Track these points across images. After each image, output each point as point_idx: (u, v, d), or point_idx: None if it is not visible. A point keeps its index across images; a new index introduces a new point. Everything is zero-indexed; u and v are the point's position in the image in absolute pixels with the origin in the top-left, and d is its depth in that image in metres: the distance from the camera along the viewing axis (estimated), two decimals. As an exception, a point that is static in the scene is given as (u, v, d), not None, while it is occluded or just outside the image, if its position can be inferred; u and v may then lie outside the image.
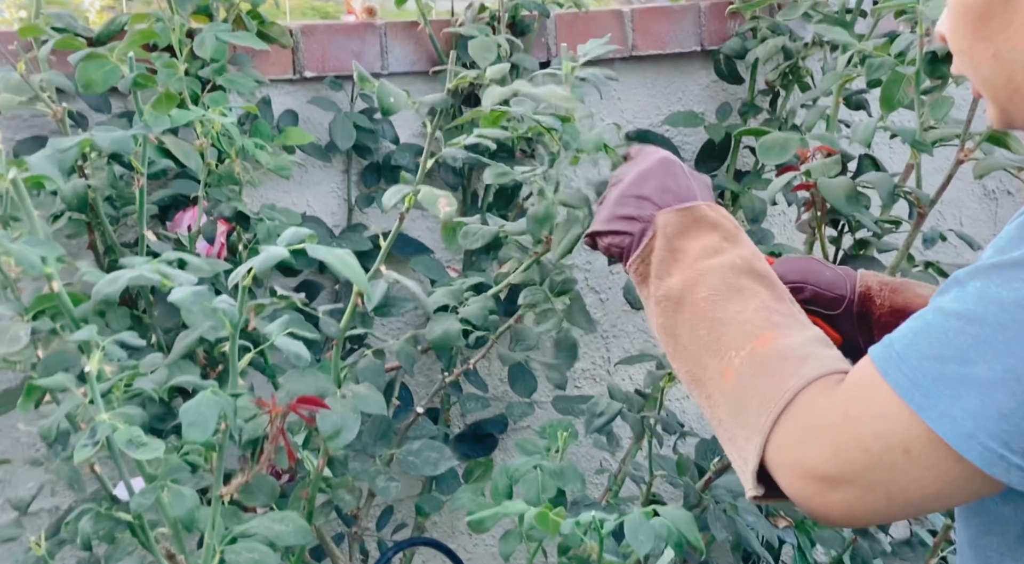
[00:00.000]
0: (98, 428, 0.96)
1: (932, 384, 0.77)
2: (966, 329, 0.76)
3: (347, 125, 1.89)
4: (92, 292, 1.00)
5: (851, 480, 0.82)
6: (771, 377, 0.88)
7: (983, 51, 0.88)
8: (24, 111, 1.63)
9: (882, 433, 0.80)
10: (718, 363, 0.92)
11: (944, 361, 0.77)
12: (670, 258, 1.00)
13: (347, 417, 1.24)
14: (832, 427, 0.83)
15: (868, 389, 0.81)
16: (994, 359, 0.75)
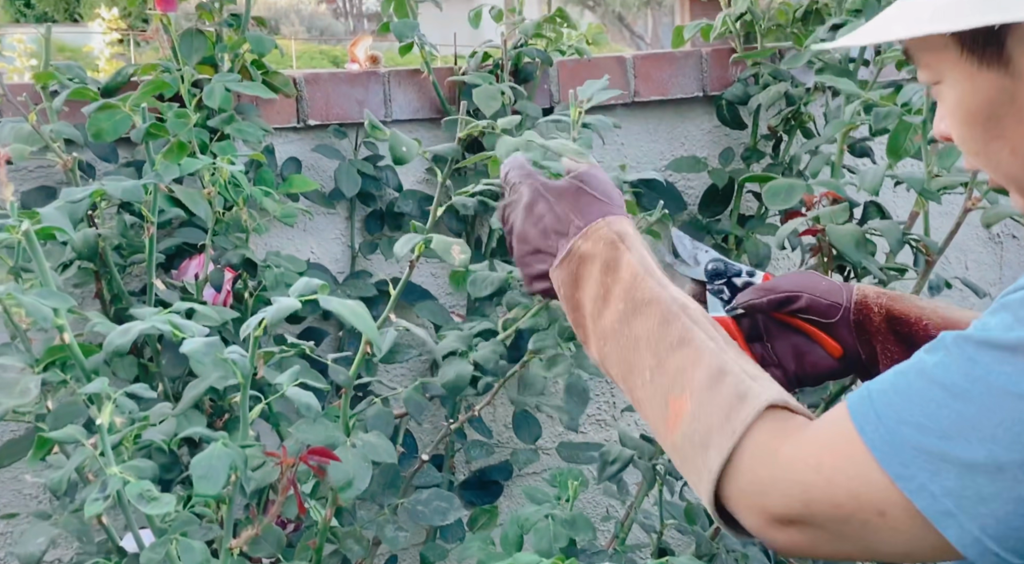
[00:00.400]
0: (109, 482, 0.95)
1: (912, 454, 0.76)
2: (950, 404, 0.75)
3: (352, 173, 1.89)
4: (104, 343, 1.00)
5: (820, 526, 0.82)
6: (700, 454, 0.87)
7: (1000, 150, 0.87)
8: (30, 162, 1.64)
9: (857, 494, 0.79)
10: (658, 434, 0.93)
11: (924, 432, 0.76)
12: (578, 318, 1.00)
13: (358, 467, 1.24)
14: (803, 480, 0.82)
15: (844, 445, 0.80)
16: (977, 443, 0.74)
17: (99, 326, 1.09)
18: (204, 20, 1.81)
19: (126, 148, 1.72)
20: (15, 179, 1.67)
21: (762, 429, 0.85)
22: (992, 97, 0.84)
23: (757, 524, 0.85)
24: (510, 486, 2.02)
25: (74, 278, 1.58)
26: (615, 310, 0.97)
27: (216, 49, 1.79)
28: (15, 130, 1.55)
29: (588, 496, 2.13)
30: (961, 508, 0.74)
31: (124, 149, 1.72)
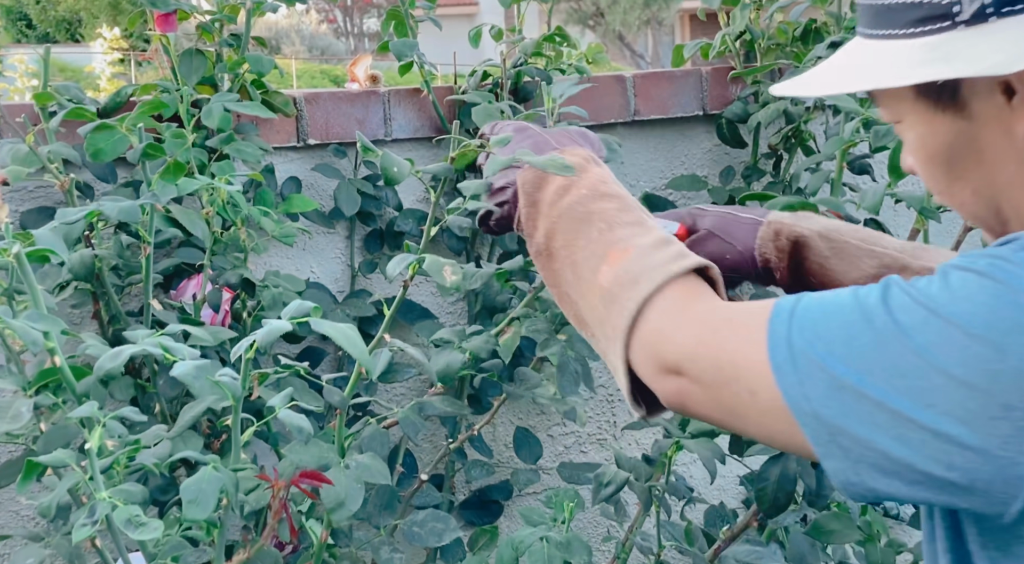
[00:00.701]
0: (97, 507, 0.95)
1: (799, 354, 0.82)
2: (849, 326, 0.81)
3: (351, 192, 1.89)
4: (95, 367, 1.00)
5: (699, 381, 0.88)
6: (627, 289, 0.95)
7: (961, 190, 0.90)
8: (30, 182, 1.64)
9: (738, 366, 0.86)
10: (586, 297, 1.00)
11: (817, 340, 0.81)
12: (533, 212, 1.09)
13: (351, 488, 1.23)
14: (699, 335, 0.89)
15: (747, 322, 0.87)
16: (856, 368, 0.79)
17: (92, 349, 1.09)
18: (204, 40, 1.82)
19: (124, 168, 1.73)
20: (14, 200, 1.67)
21: (687, 283, 0.93)
22: (950, 140, 0.88)
23: (648, 369, 0.92)
24: (510, 506, 2.02)
25: (72, 298, 1.58)
26: (577, 194, 1.06)
27: (216, 69, 1.79)
28: (13, 151, 1.55)
29: (588, 517, 2.12)
30: (821, 415, 0.80)
31: (123, 169, 1.73)
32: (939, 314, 0.78)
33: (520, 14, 2.09)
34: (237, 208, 1.64)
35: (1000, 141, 0.86)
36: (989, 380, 0.76)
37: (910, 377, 0.78)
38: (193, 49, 1.78)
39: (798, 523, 1.83)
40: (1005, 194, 0.88)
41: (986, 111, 0.85)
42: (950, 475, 0.77)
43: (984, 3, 0.82)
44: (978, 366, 0.76)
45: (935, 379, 0.77)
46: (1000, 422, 0.75)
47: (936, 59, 0.84)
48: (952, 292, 0.79)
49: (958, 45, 0.84)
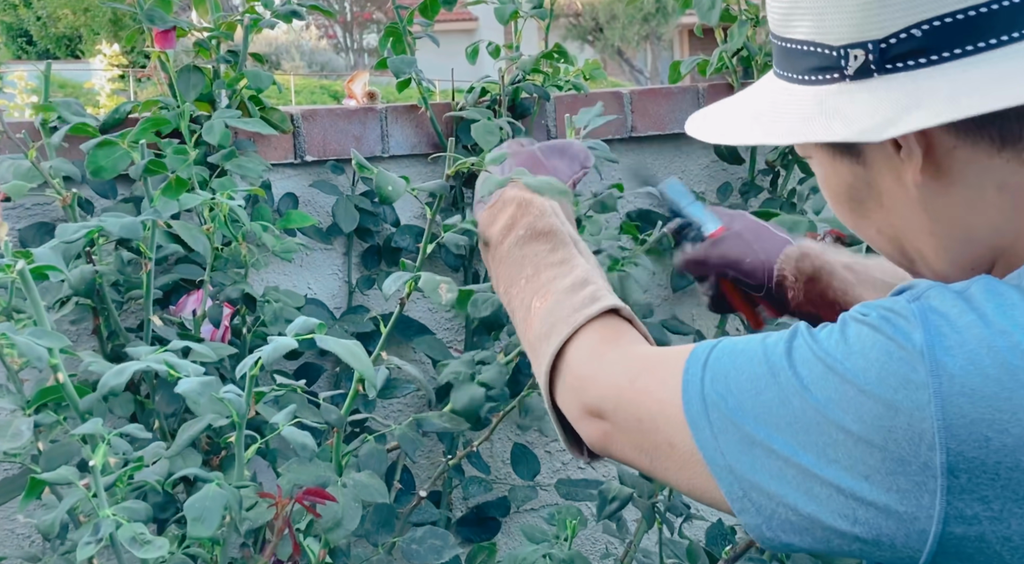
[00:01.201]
0: (101, 525, 0.95)
1: (712, 409, 0.83)
2: (756, 380, 0.82)
3: (349, 208, 1.89)
4: (99, 384, 1.00)
5: (621, 429, 0.91)
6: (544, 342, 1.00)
7: (867, 228, 0.93)
8: (29, 198, 1.64)
9: (655, 419, 0.87)
10: (524, 345, 1.06)
11: (729, 395, 0.83)
12: (485, 252, 1.17)
13: (348, 507, 1.23)
14: (617, 384, 0.92)
15: (664, 371, 0.88)
16: (764, 424, 0.80)
17: (93, 366, 1.09)
18: (202, 57, 1.82)
19: (125, 184, 1.73)
20: (15, 216, 1.67)
21: (598, 328, 0.99)
22: (850, 183, 0.91)
23: (574, 414, 0.95)
24: (508, 523, 2.01)
25: (71, 314, 1.58)
26: (515, 236, 1.12)
27: (214, 85, 1.79)
28: (14, 167, 1.55)
29: (587, 533, 2.11)
30: (735, 470, 0.82)
31: (123, 185, 1.73)
32: (835, 370, 0.79)
33: (518, 30, 2.09)
34: (238, 223, 1.64)
35: (895, 187, 0.88)
36: (884, 436, 0.76)
37: (813, 433, 0.78)
38: (191, 65, 1.79)
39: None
40: (906, 236, 0.90)
41: (879, 160, 0.88)
42: (856, 530, 0.78)
43: (869, 58, 0.84)
44: (872, 422, 0.77)
45: (835, 435, 0.78)
46: (898, 477, 0.76)
47: (823, 114, 0.86)
48: (848, 346, 0.80)
49: (843, 100, 0.86)
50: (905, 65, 0.83)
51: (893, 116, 0.82)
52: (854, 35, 0.84)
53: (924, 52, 0.82)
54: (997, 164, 0.84)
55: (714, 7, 2.11)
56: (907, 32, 0.82)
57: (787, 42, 0.90)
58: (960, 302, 0.79)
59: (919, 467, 0.75)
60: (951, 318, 0.78)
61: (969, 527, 0.75)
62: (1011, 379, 0.74)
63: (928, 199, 0.87)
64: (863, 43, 0.84)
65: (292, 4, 1.87)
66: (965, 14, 0.81)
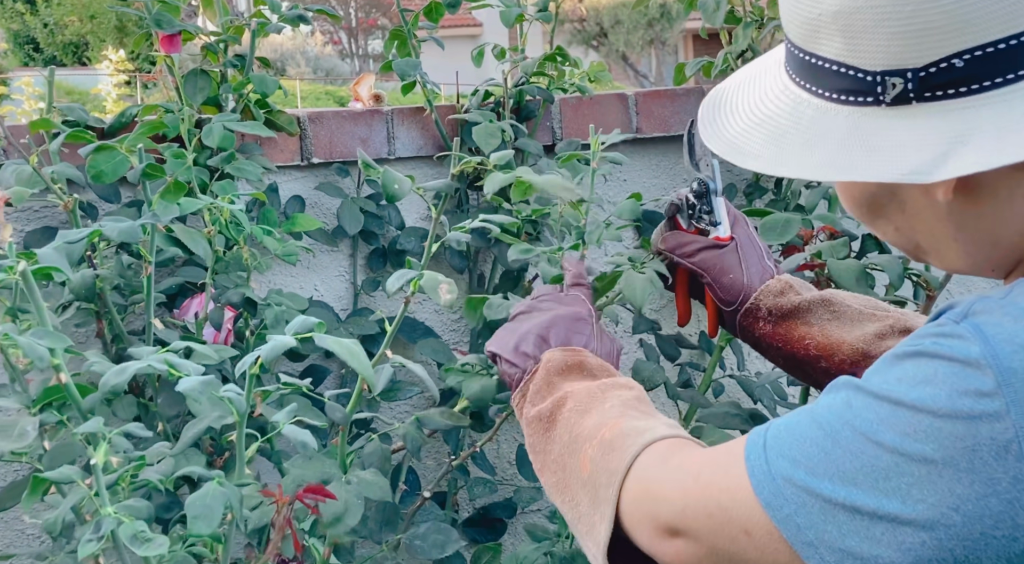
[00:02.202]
0: (103, 522, 0.95)
1: (782, 485, 0.80)
2: (821, 443, 0.79)
3: (354, 210, 1.90)
4: (100, 383, 1.01)
5: (695, 537, 0.87)
6: (616, 453, 0.96)
7: (884, 227, 0.91)
8: (34, 203, 1.65)
9: (727, 508, 0.84)
10: (577, 460, 1.01)
11: (797, 466, 0.80)
12: (546, 389, 1.12)
13: (350, 503, 1.23)
14: (683, 485, 0.88)
15: (726, 460, 0.86)
16: (839, 483, 0.77)
17: (96, 366, 1.10)
18: (209, 61, 1.83)
19: (128, 188, 1.74)
20: (19, 220, 1.69)
21: (658, 446, 0.95)
22: (874, 192, 0.89)
23: (647, 535, 0.91)
24: (514, 524, 2.01)
25: (75, 318, 1.59)
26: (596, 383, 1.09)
27: (220, 89, 1.81)
28: (17, 172, 1.56)
29: (593, 533, 2.12)
30: (822, 541, 0.78)
31: (126, 189, 1.74)
32: (904, 404, 0.77)
33: (523, 34, 2.10)
34: (239, 227, 1.65)
35: (921, 199, 0.86)
36: (969, 457, 0.74)
37: (893, 477, 0.76)
38: (198, 70, 1.80)
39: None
40: (924, 238, 0.89)
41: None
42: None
43: (908, 87, 0.81)
44: (954, 445, 0.74)
45: (916, 471, 0.75)
46: (990, 499, 0.74)
47: (861, 145, 0.83)
48: (911, 379, 0.77)
49: (880, 126, 0.83)
50: (945, 94, 0.80)
51: (941, 153, 0.79)
52: (891, 62, 0.81)
53: (965, 81, 0.80)
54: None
55: (719, 9, 2.11)
56: (947, 62, 0.80)
57: (812, 57, 0.86)
58: (1009, 308, 0.77)
59: (1009, 482, 0.73)
60: (1004, 326, 0.76)
61: None
62: None
63: (956, 212, 0.85)
64: (902, 71, 0.81)
65: (299, 9, 1.88)
66: (1007, 43, 0.79)
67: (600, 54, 19.23)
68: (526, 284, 2.00)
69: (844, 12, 0.82)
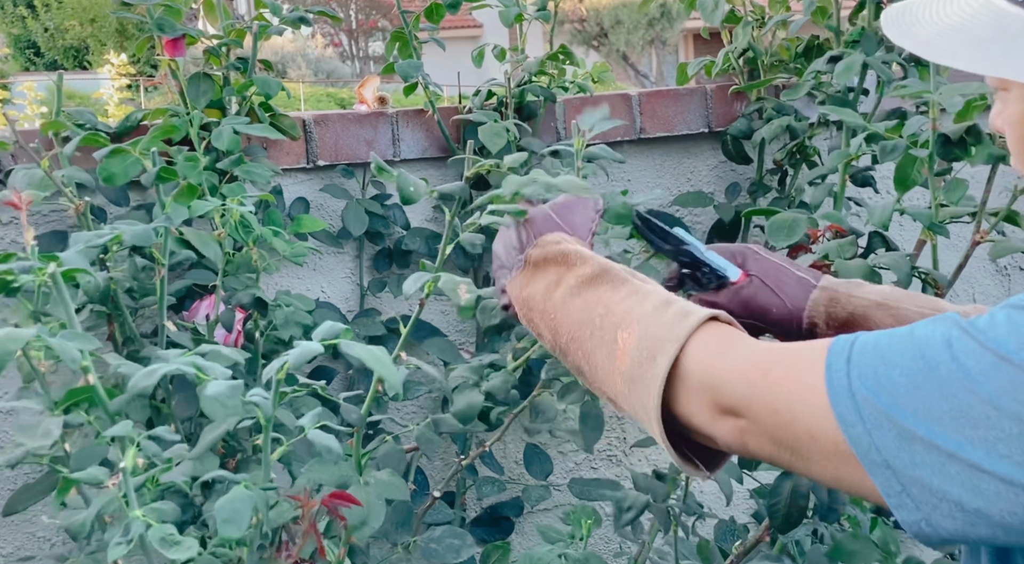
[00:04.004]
0: (132, 525, 0.96)
1: (863, 403, 0.79)
2: (913, 373, 0.79)
3: (359, 212, 1.91)
4: (128, 385, 1.01)
5: (759, 423, 0.86)
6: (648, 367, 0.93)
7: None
8: (43, 207, 1.65)
9: (795, 410, 0.83)
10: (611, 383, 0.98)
11: (881, 389, 0.79)
12: (530, 315, 1.09)
13: (372, 505, 1.24)
14: (750, 378, 0.87)
15: (801, 365, 0.84)
16: (923, 418, 0.77)
17: (123, 368, 1.10)
18: (211, 64, 1.83)
19: (137, 191, 1.74)
20: (32, 223, 1.68)
21: (707, 335, 0.91)
22: None
23: (704, 415, 0.90)
24: (522, 522, 2.02)
25: (87, 321, 1.59)
26: (566, 287, 1.05)
27: (224, 92, 1.81)
28: (28, 176, 1.56)
29: (601, 533, 2.12)
30: (890, 465, 0.78)
31: (135, 192, 1.74)
32: (1009, 359, 0.76)
33: (522, 34, 2.11)
34: (249, 229, 1.65)
35: None
36: None
37: (982, 427, 0.75)
38: (201, 73, 1.80)
39: (809, 536, 1.84)
40: None
41: None
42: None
43: None
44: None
45: (1008, 427, 0.74)
46: None
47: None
48: (1021, 334, 0.76)
49: None
50: None
51: None
52: None
53: None
54: None
55: (717, 8, 2.12)
56: None
57: None
58: None
59: None
60: None
61: None
62: None
63: None
64: None
65: (299, 10, 1.88)
66: None
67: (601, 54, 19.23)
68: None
69: None
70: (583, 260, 1.06)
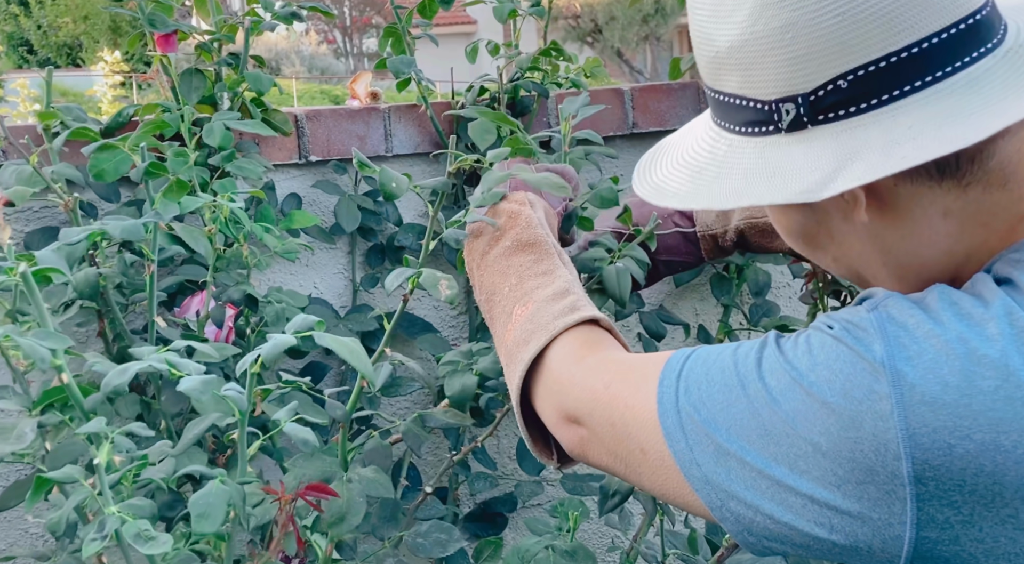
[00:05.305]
0: (106, 521, 0.96)
1: (686, 419, 0.84)
2: (727, 391, 0.83)
3: (352, 207, 1.91)
4: (102, 383, 1.01)
5: (597, 434, 0.92)
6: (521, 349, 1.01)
7: (823, 257, 0.95)
8: (33, 203, 1.66)
9: (628, 424, 0.88)
10: (500, 353, 1.08)
11: (702, 407, 0.84)
12: (470, 263, 1.21)
13: (352, 502, 1.24)
14: (593, 389, 0.93)
15: (638, 378, 0.90)
16: (736, 436, 0.81)
17: (97, 366, 1.10)
18: (203, 60, 1.84)
19: (128, 187, 1.74)
20: (19, 220, 1.69)
21: (577, 335, 0.98)
22: (802, 223, 0.94)
23: (552, 418, 0.96)
24: (515, 518, 2.02)
25: (76, 317, 1.59)
26: (501, 247, 1.13)
27: (215, 88, 1.81)
28: (17, 172, 1.57)
29: (593, 527, 2.12)
30: (710, 480, 0.83)
31: (126, 188, 1.74)
32: (800, 384, 0.80)
33: (516, 30, 2.10)
34: (239, 225, 1.65)
35: (844, 226, 0.90)
36: (850, 447, 0.77)
37: (783, 444, 0.79)
38: (192, 69, 1.80)
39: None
40: (859, 263, 0.92)
41: (827, 203, 0.89)
42: (834, 537, 0.79)
43: (800, 112, 0.85)
44: (838, 435, 0.77)
45: (803, 447, 0.79)
46: (868, 486, 0.77)
47: (764, 171, 0.87)
48: (813, 358, 0.80)
49: (780, 153, 0.86)
50: (836, 115, 0.84)
51: (831, 171, 0.82)
52: (783, 89, 0.85)
53: (853, 101, 0.83)
54: (938, 194, 0.85)
55: (712, 2, 2.12)
56: (833, 84, 0.83)
57: (719, 94, 0.91)
58: (918, 311, 0.80)
59: (887, 476, 0.76)
60: (909, 328, 0.79)
61: (942, 531, 0.76)
62: (969, 386, 0.75)
63: (878, 234, 0.88)
64: (793, 97, 0.84)
65: (292, 6, 1.88)
66: (887, 61, 0.82)
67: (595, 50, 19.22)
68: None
69: (735, 47, 0.86)
70: (526, 223, 1.13)
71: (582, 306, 1.01)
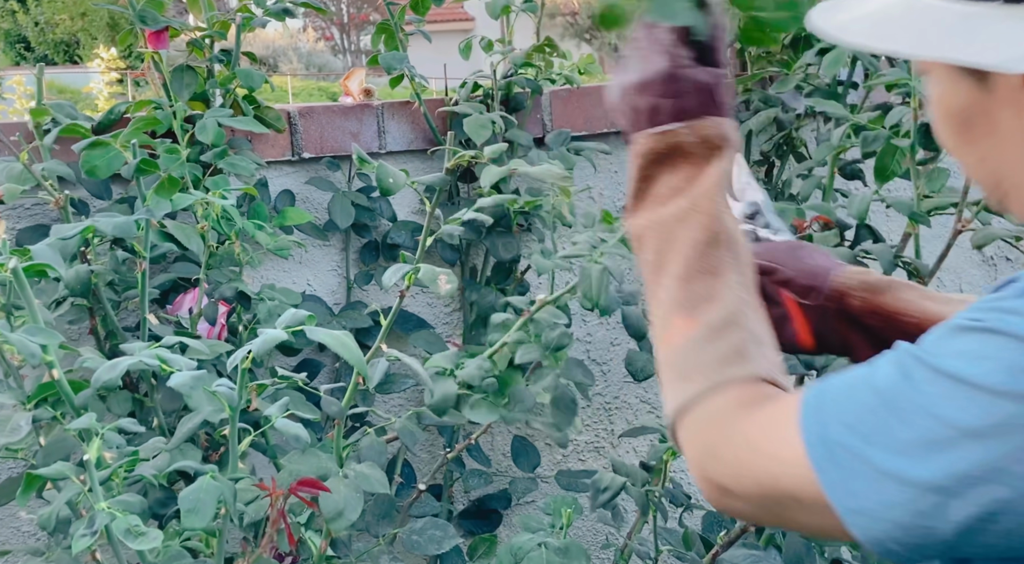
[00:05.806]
0: (96, 517, 0.95)
1: (836, 448, 0.79)
2: (878, 410, 0.78)
3: (346, 204, 1.90)
4: (92, 379, 1.01)
5: (745, 499, 0.86)
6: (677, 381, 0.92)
7: (970, 154, 0.89)
8: (26, 200, 1.65)
9: (777, 477, 0.83)
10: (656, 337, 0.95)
11: (851, 432, 0.79)
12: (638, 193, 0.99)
13: (349, 498, 1.24)
14: (739, 456, 0.87)
15: (782, 428, 0.84)
16: (892, 453, 0.77)
17: (88, 362, 1.10)
18: (195, 56, 1.83)
19: (119, 184, 1.73)
20: (10, 218, 1.68)
21: (737, 392, 0.90)
22: (967, 105, 0.85)
23: (694, 469, 0.90)
24: (509, 515, 2.02)
25: (69, 314, 1.59)
26: (675, 207, 0.97)
27: (207, 85, 1.80)
28: (7, 169, 1.56)
29: (587, 524, 2.12)
30: (869, 509, 0.78)
31: (118, 185, 1.74)
32: (962, 380, 0.76)
33: (510, 25, 2.10)
34: (231, 222, 1.65)
35: (1013, 121, 0.84)
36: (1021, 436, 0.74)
37: (947, 450, 0.76)
38: (184, 65, 1.79)
39: (796, 527, 1.83)
40: (1008, 168, 0.86)
41: (1006, 89, 0.83)
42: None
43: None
44: (1008, 422, 0.74)
45: (971, 445, 0.75)
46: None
47: (965, 32, 0.81)
48: (971, 353, 0.77)
49: (990, 21, 0.81)
50: None
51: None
52: None
53: None
54: None
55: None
56: None
57: None
58: None
59: None
60: None
61: None
62: None
63: None
64: None
65: (284, 2, 1.88)
66: None
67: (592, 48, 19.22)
68: (518, 276, 2.00)
69: None
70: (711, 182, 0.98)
71: (749, 352, 0.94)
